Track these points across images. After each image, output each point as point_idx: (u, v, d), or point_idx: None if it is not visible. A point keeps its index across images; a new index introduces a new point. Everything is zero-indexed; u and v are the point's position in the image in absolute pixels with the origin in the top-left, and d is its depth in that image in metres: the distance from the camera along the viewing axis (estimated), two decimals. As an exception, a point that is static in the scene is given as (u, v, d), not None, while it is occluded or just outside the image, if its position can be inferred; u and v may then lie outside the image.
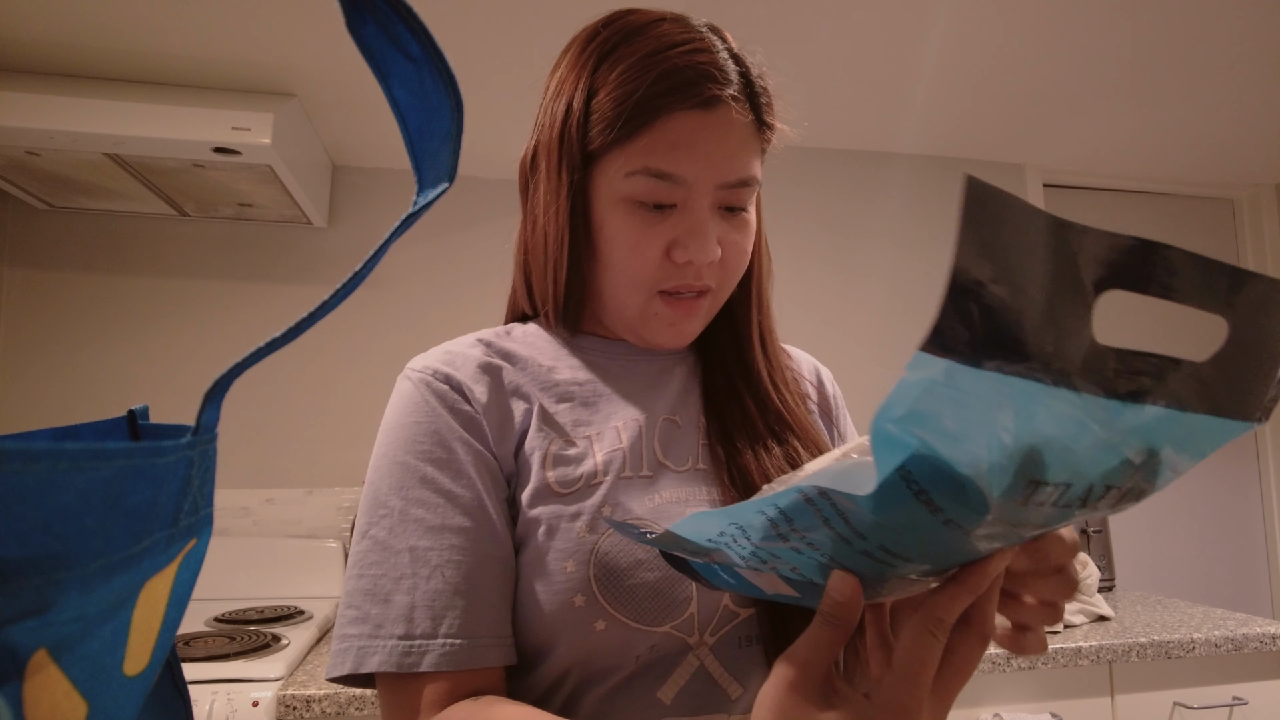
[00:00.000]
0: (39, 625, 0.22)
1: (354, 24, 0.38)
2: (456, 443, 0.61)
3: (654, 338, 0.67)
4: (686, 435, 0.67)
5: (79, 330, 2.00)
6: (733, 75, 0.62)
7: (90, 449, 0.23)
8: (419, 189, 0.41)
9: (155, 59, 1.55)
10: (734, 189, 0.63)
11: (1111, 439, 0.30)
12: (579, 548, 0.58)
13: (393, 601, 0.57)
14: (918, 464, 0.30)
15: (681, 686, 0.58)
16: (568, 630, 0.57)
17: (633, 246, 0.62)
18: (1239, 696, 1.60)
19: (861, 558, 0.37)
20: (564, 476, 0.61)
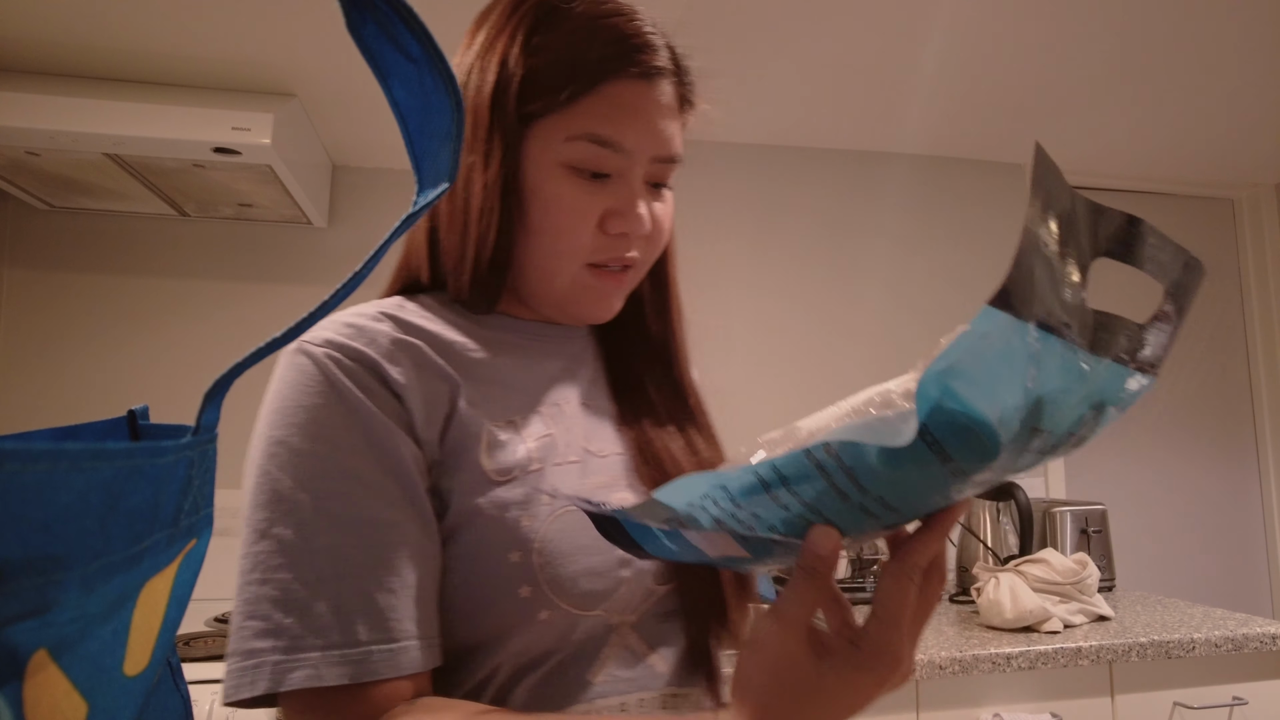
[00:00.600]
0: (39, 625, 0.22)
1: (354, 24, 0.38)
2: (374, 427, 0.55)
3: (580, 310, 0.66)
4: (602, 420, 0.67)
5: (79, 330, 2.00)
6: (664, 51, 0.62)
7: (90, 449, 0.23)
8: (419, 189, 0.41)
9: (155, 59, 1.55)
10: (664, 164, 0.63)
11: (1087, 391, 0.34)
12: (523, 537, 0.56)
13: (312, 608, 0.51)
14: (935, 417, 0.32)
15: (610, 666, 0.58)
16: (512, 623, 0.55)
17: (569, 214, 0.60)
18: (1239, 696, 1.60)
19: (854, 511, 0.38)
20: (500, 464, 0.58)
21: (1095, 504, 2.10)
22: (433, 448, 0.57)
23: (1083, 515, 2.08)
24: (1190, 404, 2.71)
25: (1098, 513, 2.09)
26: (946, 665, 1.46)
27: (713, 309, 2.31)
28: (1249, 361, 2.80)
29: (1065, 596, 1.72)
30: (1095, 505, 2.10)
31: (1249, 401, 2.78)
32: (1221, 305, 2.80)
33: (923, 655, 1.46)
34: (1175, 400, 2.69)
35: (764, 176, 2.40)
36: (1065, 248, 0.30)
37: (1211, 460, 2.71)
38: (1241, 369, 2.79)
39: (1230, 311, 2.81)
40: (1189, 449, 2.69)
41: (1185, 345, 2.73)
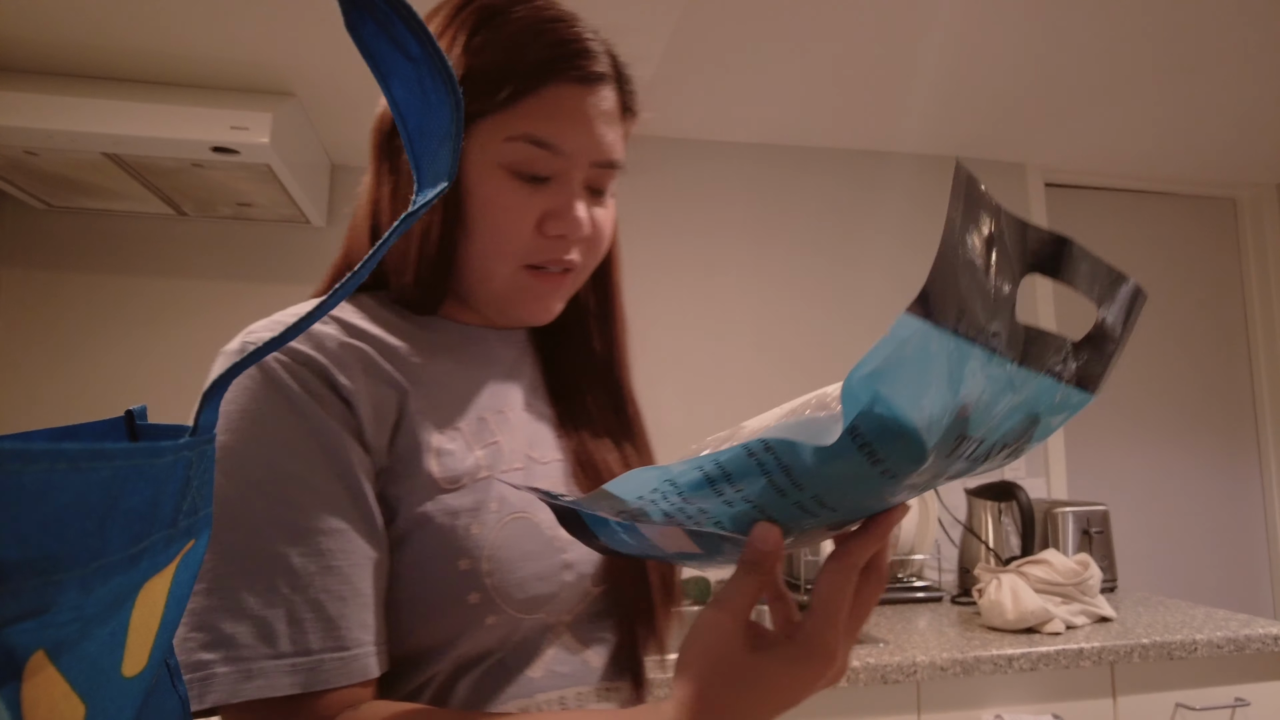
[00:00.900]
0: (37, 626, 0.22)
1: (353, 23, 0.38)
2: (323, 433, 0.54)
3: (519, 312, 0.66)
4: (543, 426, 0.68)
5: (77, 330, 2.00)
6: (605, 58, 0.63)
7: (88, 449, 0.23)
8: (418, 188, 0.41)
9: (154, 58, 1.55)
10: (604, 169, 0.64)
11: (1018, 402, 0.35)
12: (472, 545, 0.56)
13: (263, 617, 0.50)
14: (866, 420, 0.33)
15: (548, 662, 0.60)
16: (461, 628, 0.56)
17: (506, 214, 0.61)
18: (1241, 698, 1.60)
19: (792, 508, 0.39)
20: (449, 471, 0.58)
21: (1097, 505, 2.10)
22: (381, 454, 0.57)
23: (1084, 516, 2.08)
24: (1192, 404, 2.71)
25: (1099, 513, 2.09)
26: (948, 666, 1.46)
27: (713, 307, 2.31)
28: (1250, 361, 2.80)
29: (1067, 597, 1.72)
30: (1097, 506, 2.10)
31: (1250, 402, 2.78)
32: (1223, 305, 2.80)
33: (924, 656, 1.46)
34: (1177, 400, 2.69)
35: (764, 176, 2.40)
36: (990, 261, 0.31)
37: (1213, 460, 2.70)
38: (1243, 369, 2.79)
39: (1232, 311, 2.81)
40: (1191, 449, 2.69)
41: (1186, 345, 2.73)
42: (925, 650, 1.50)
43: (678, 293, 2.29)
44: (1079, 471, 2.56)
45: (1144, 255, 2.75)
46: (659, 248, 2.30)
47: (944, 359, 0.31)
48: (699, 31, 1.78)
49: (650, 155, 2.32)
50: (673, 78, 1.99)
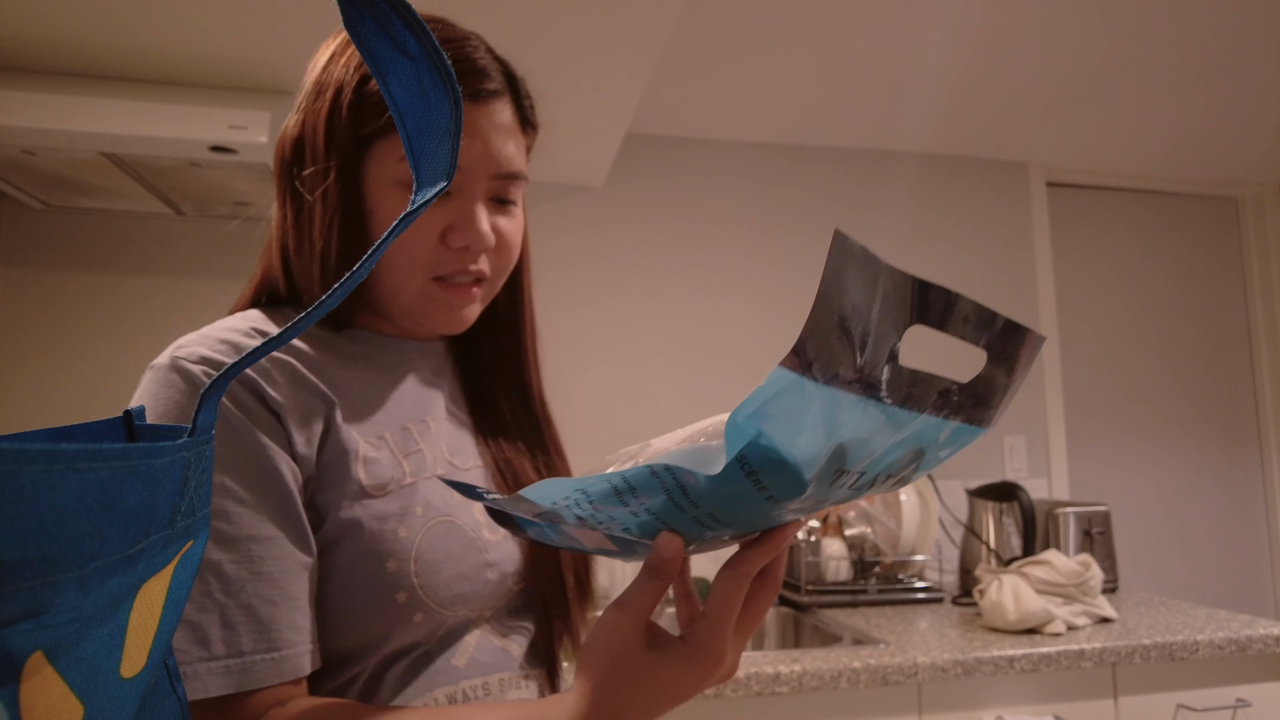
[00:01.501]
0: (36, 627, 0.22)
1: (352, 22, 0.38)
2: (253, 446, 0.57)
3: (432, 323, 0.68)
4: (463, 434, 0.71)
5: (74, 329, 1.99)
6: (496, 74, 0.65)
7: (86, 450, 0.23)
8: (416, 187, 0.41)
9: (152, 57, 1.55)
10: (505, 180, 0.66)
11: (898, 439, 0.39)
12: (400, 547, 0.60)
13: (196, 622, 0.53)
14: (752, 450, 0.37)
15: (471, 652, 0.64)
16: (390, 626, 0.59)
17: (408, 230, 0.62)
18: (1243, 699, 1.60)
19: (690, 522, 0.44)
20: (376, 478, 0.61)
21: (1098, 505, 2.10)
22: (309, 464, 0.59)
23: (1086, 516, 2.08)
24: (1193, 404, 2.71)
25: (1101, 514, 2.09)
26: (949, 667, 1.46)
27: (713, 306, 2.31)
28: (1252, 361, 2.80)
29: (1068, 598, 1.72)
30: (1098, 506, 2.10)
31: (1252, 402, 2.78)
32: (1224, 305, 2.80)
33: (925, 657, 1.46)
34: (1178, 401, 2.69)
35: (764, 175, 2.40)
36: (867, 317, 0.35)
37: (1215, 461, 2.71)
38: (1245, 369, 2.79)
39: (1233, 311, 2.81)
40: (1192, 449, 2.69)
41: (1188, 345, 2.74)
42: (926, 651, 1.50)
43: (678, 291, 2.29)
44: (1080, 472, 2.56)
45: (1145, 255, 2.75)
46: (658, 247, 2.30)
47: (818, 405, 0.35)
48: (699, 30, 1.78)
49: (650, 155, 2.32)
50: (673, 77, 1.99)
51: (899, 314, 0.36)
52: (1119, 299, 2.69)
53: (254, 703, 0.53)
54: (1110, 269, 2.70)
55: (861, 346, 0.35)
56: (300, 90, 0.68)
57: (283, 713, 0.53)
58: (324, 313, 0.34)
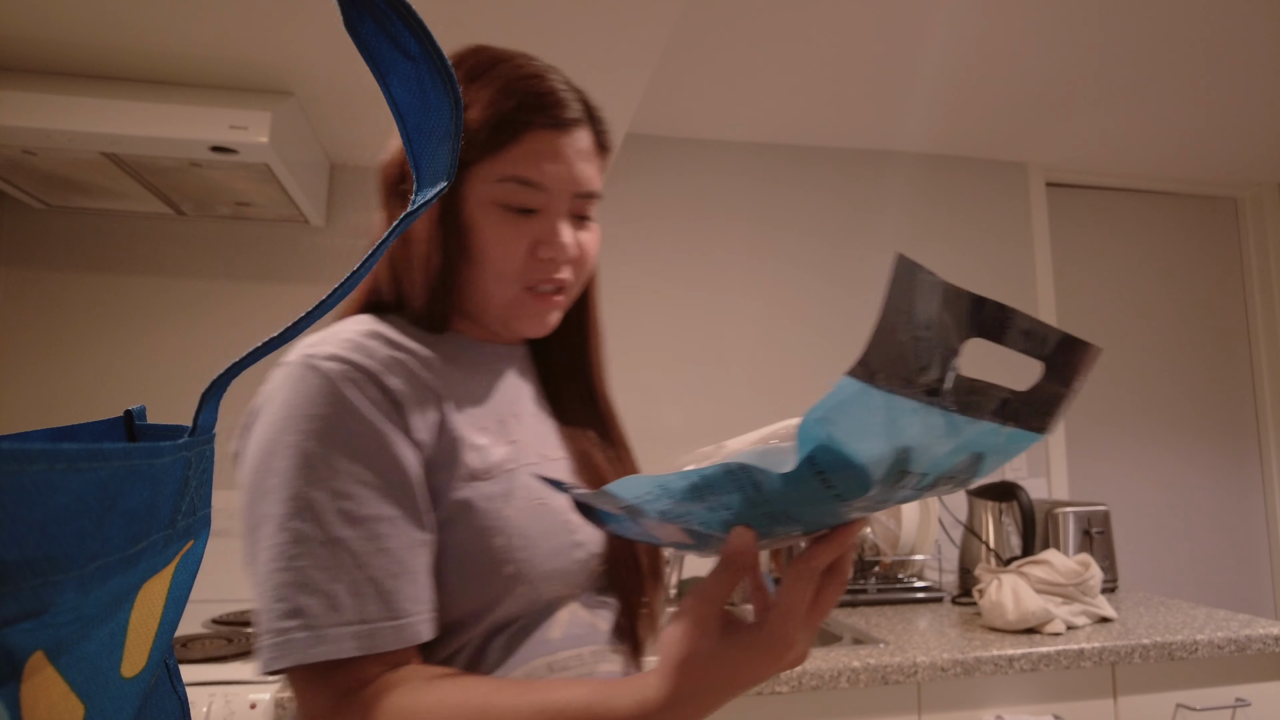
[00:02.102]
0: (36, 627, 0.22)
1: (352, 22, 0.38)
2: (376, 432, 0.63)
3: (520, 327, 0.75)
4: (546, 428, 0.78)
5: (75, 330, 1.99)
6: (576, 104, 0.73)
7: (87, 450, 0.23)
8: (417, 188, 0.41)
9: (152, 58, 1.55)
10: (584, 199, 0.74)
11: (958, 443, 0.42)
12: (505, 525, 0.66)
13: (329, 591, 0.59)
14: (821, 452, 0.40)
15: (565, 627, 0.70)
16: (498, 595, 0.66)
17: (502, 244, 0.71)
18: (1242, 698, 1.60)
19: (762, 518, 0.48)
20: (483, 463, 0.68)
21: (1098, 505, 2.11)
22: (427, 449, 0.66)
23: (1085, 516, 2.08)
24: (1193, 404, 2.71)
25: (1100, 514, 2.09)
26: (949, 667, 1.46)
27: (712, 306, 2.31)
28: (1251, 361, 2.80)
29: (1068, 598, 1.72)
30: (1098, 506, 2.10)
31: (1251, 401, 2.78)
32: (1224, 305, 2.80)
33: (925, 657, 1.46)
34: (1178, 401, 2.69)
35: (764, 175, 2.40)
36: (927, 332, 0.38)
37: (1214, 461, 2.71)
38: (1244, 369, 2.79)
39: (1233, 311, 2.81)
40: (1192, 449, 2.69)
41: (1187, 345, 2.74)
42: (926, 651, 1.50)
43: (678, 290, 2.29)
44: (1080, 471, 2.56)
45: (1145, 255, 2.75)
46: (659, 247, 2.30)
47: (882, 411, 0.38)
48: (699, 30, 1.78)
49: (650, 155, 2.32)
50: (673, 77, 1.99)
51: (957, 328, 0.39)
52: (1118, 299, 2.69)
53: (376, 665, 0.60)
54: (1109, 269, 2.70)
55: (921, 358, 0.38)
56: None
57: (397, 676, 0.59)
58: (325, 312, 0.34)
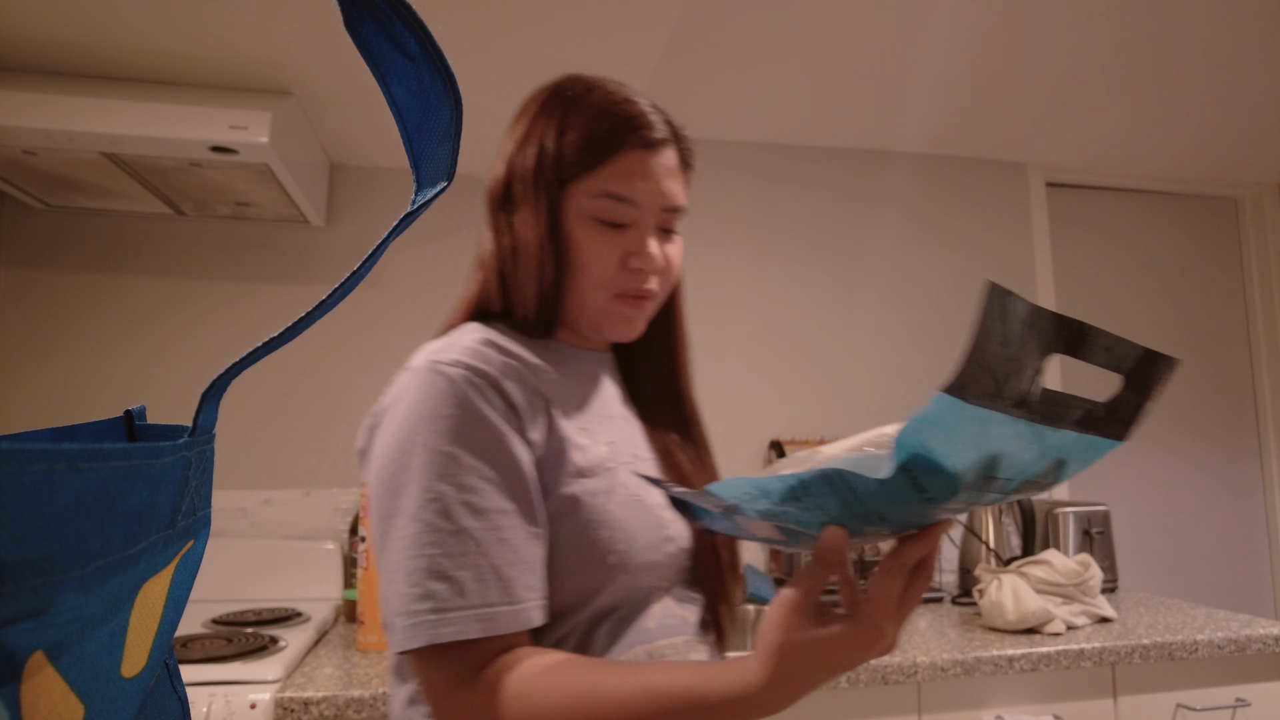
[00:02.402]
0: (36, 627, 0.22)
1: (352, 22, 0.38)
2: (496, 433, 0.70)
3: (610, 332, 0.82)
4: (634, 429, 0.84)
5: (75, 330, 1.99)
6: (662, 125, 0.80)
7: (87, 450, 0.23)
8: (417, 188, 0.41)
9: (152, 58, 1.55)
10: (671, 214, 0.80)
11: (1042, 450, 0.46)
12: (608, 518, 0.72)
13: (456, 577, 0.65)
14: (915, 461, 0.45)
15: (659, 618, 0.75)
16: (600, 585, 0.72)
17: (597, 255, 0.77)
18: (1242, 698, 1.60)
19: (855, 518, 0.52)
20: (587, 461, 0.74)
21: (1098, 505, 2.10)
22: (539, 448, 0.73)
23: (1085, 516, 2.08)
24: (1192, 404, 2.71)
25: (1100, 514, 2.09)
26: (949, 667, 1.46)
27: (714, 307, 2.31)
28: (1252, 361, 2.80)
29: (1068, 598, 1.72)
30: (1098, 506, 2.10)
31: (1252, 402, 2.78)
32: (1224, 305, 2.80)
33: (925, 657, 1.46)
34: (1177, 401, 2.69)
35: (765, 175, 2.40)
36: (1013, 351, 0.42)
37: (1214, 460, 2.71)
38: (1244, 369, 2.79)
39: (1233, 311, 2.81)
40: (1192, 450, 2.69)
41: (1187, 345, 2.74)
42: (926, 651, 1.50)
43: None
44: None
45: (1145, 255, 2.75)
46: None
47: (972, 423, 0.42)
48: (699, 30, 1.78)
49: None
50: (673, 77, 1.99)
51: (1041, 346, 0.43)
52: (1118, 299, 2.70)
53: (494, 647, 0.65)
54: (1109, 269, 2.70)
55: (1008, 374, 0.42)
56: (504, 141, 0.85)
57: (513, 657, 0.65)
58: (324, 312, 0.34)
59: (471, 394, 0.70)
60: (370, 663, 1.43)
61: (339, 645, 1.57)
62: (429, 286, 2.19)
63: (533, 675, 0.63)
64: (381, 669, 1.38)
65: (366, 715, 1.26)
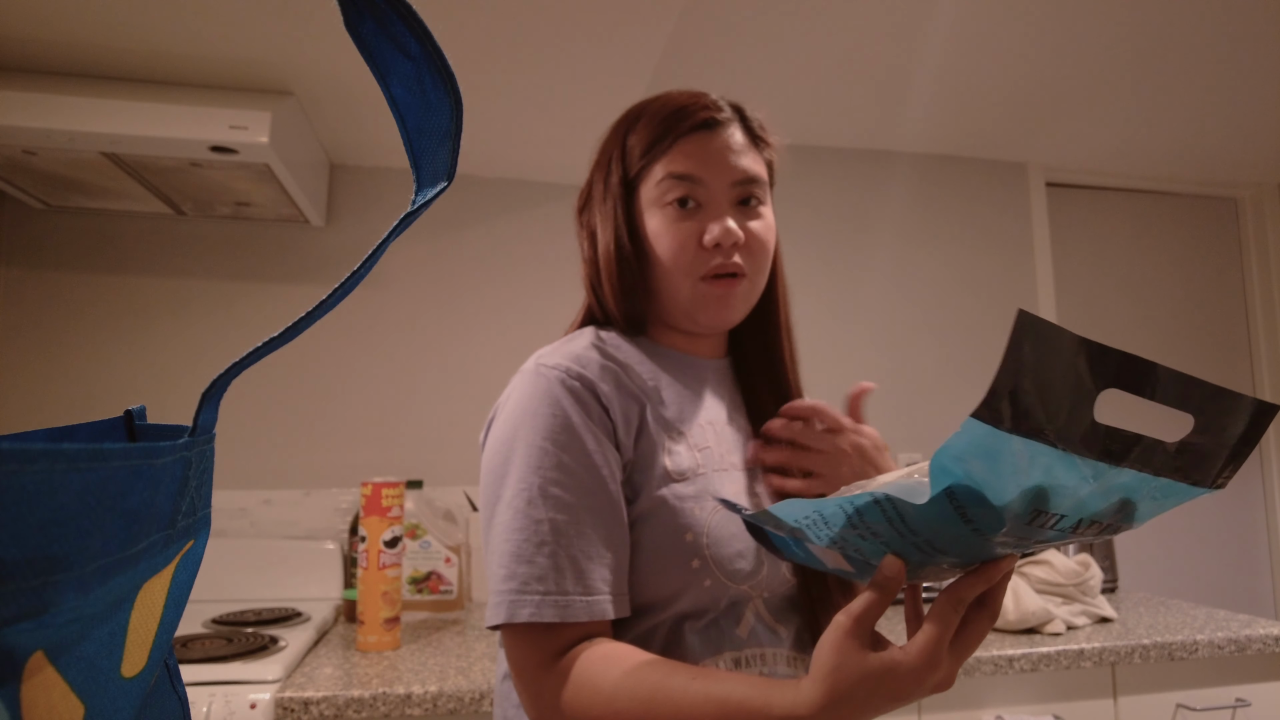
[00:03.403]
0: (36, 627, 0.22)
1: (352, 22, 0.38)
2: (587, 434, 0.73)
3: (705, 318, 0.82)
4: (739, 436, 0.85)
5: (75, 329, 1.99)
6: (725, 107, 0.82)
7: (87, 450, 0.23)
8: (417, 188, 0.41)
9: (152, 58, 1.55)
10: (743, 185, 0.80)
11: (1101, 489, 0.43)
12: (695, 522, 0.74)
13: (536, 563, 0.69)
14: (959, 489, 0.43)
15: (750, 627, 0.77)
16: (685, 585, 0.73)
17: (672, 239, 0.79)
18: (1242, 698, 1.60)
19: (911, 548, 0.51)
20: (678, 466, 0.76)
21: (1096, 504, 2.10)
22: (628, 450, 0.76)
23: (1083, 515, 2.08)
24: (1190, 404, 2.70)
25: (1098, 513, 2.09)
26: (947, 666, 1.46)
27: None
28: (1251, 361, 2.80)
29: (1068, 598, 1.72)
30: (1096, 505, 2.10)
31: (1249, 401, 2.78)
32: (1224, 305, 2.80)
33: (923, 656, 1.46)
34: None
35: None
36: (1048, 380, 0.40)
37: (1212, 460, 2.70)
38: (1244, 369, 2.79)
39: (1232, 311, 2.81)
40: (1189, 449, 2.68)
41: (1187, 345, 2.74)
42: (925, 650, 1.50)
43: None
44: (1079, 471, 2.56)
45: (1145, 254, 2.75)
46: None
47: (1009, 452, 0.41)
48: (698, 31, 1.78)
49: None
50: (672, 78, 1.99)
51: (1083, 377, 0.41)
52: (1118, 299, 2.70)
53: (569, 634, 0.69)
54: (1110, 269, 2.70)
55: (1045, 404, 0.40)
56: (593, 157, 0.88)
57: (589, 645, 0.68)
58: (325, 312, 0.34)
59: (566, 395, 0.74)
60: (370, 663, 1.43)
61: (339, 645, 1.57)
62: (428, 286, 2.19)
63: (605, 667, 0.66)
64: (380, 669, 1.38)
65: (366, 715, 1.26)
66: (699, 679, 0.63)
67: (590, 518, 0.71)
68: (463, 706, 1.28)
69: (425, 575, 1.80)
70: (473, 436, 2.11)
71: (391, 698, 1.26)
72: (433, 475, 2.09)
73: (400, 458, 2.11)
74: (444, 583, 1.80)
